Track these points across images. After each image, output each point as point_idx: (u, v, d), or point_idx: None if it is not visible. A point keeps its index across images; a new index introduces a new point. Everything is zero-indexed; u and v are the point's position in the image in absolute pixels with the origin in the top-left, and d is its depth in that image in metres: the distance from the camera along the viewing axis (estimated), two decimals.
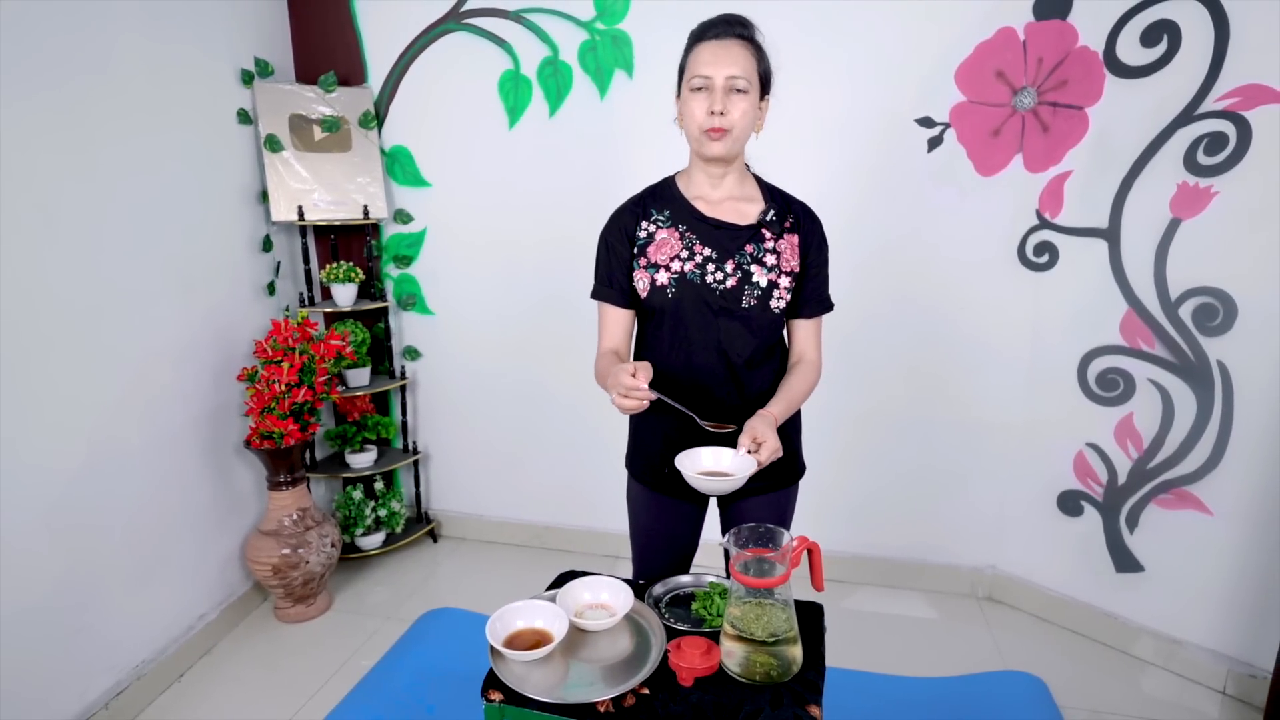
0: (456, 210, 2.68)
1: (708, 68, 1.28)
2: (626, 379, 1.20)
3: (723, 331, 1.37)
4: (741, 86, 1.28)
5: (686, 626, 1.21)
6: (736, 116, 1.30)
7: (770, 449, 1.25)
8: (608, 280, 1.42)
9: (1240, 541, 2.04)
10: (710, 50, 1.29)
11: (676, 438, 1.39)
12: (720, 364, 1.39)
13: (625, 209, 1.43)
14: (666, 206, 1.40)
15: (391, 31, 2.56)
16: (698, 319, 1.37)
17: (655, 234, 1.38)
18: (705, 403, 1.40)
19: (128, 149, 1.98)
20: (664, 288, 1.36)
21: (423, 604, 2.55)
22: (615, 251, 1.41)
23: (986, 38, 2.17)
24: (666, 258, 1.36)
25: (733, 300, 1.36)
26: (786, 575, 1.07)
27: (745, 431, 1.28)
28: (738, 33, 1.30)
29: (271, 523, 2.34)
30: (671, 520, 1.52)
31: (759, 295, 1.36)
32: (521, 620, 1.18)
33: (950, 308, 2.41)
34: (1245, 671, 2.06)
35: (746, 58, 1.29)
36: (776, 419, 1.33)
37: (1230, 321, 1.97)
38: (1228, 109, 1.90)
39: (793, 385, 1.41)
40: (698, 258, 1.36)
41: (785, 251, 1.38)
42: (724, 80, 1.28)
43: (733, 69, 1.28)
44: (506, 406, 2.84)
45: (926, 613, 2.53)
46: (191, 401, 2.23)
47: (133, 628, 2.05)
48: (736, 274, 1.35)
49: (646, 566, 1.56)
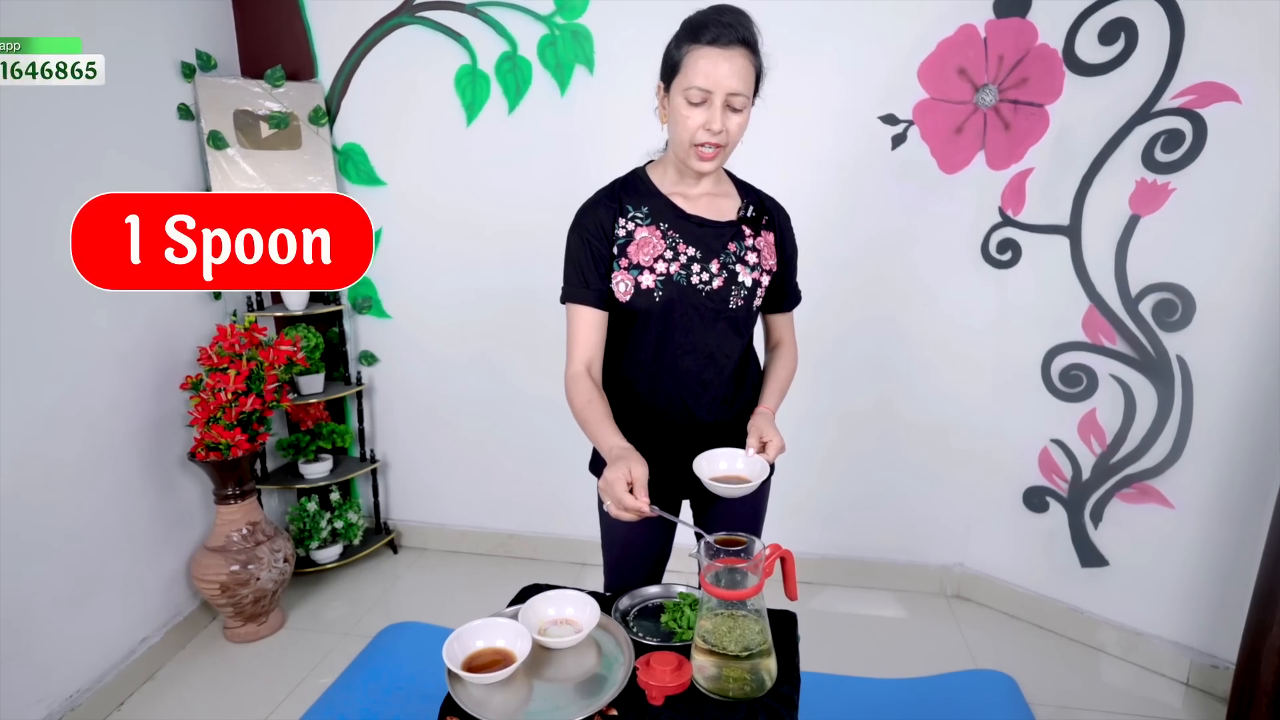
0: (413, 210, 2.59)
1: (709, 80, 1.17)
2: (627, 498, 1.11)
3: (712, 334, 1.32)
4: (740, 105, 1.20)
5: (656, 641, 1.16)
6: (734, 133, 1.23)
7: (776, 446, 1.25)
8: (583, 281, 1.30)
9: (1201, 534, 2.06)
10: (712, 59, 1.17)
11: (647, 447, 1.33)
12: (709, 367, 1.34)
13: (599, 203, 1.32)
14: (644, 202, 1.31)
15: (342, 24, 2.46)
16: (686, 322, 1.30)
17: (635, 232, 1.29)
18: (692, 407, 1.35)
19: (57, 146, 1.86)
20: (650, 290, 1.28)
21: (382, 618, 2.45)
22: (594, 250, 1.29)
23: (948, 35, 2.17)
24: (650, 258, 1.28)
25: (720, 301, 1.30)
26: (759, 586, 1.03)
27: (751, 431, 1.27)
28: (740, 36, 1.17)
29: (219, 538, 2.22)
30: (643, 526, 1.46)
31: (745, 295, 1.31)
32: (481, 640, 1.12)
33: (915, 306, 2.41)
34: (1207, 662, 2.09)
35: (749, 69, 1.19)
36: (774, 411, 1.34)
37: (1189, 317, 1.99)
38: (1184, 106, 1.92)
39: (780, 374, 1.42)
40: (682, 258, 1.29)
41: (764, 249, 1.34)
42: (725, 96, 1.18)
43: (735, 83, 1.18)
44: (468, 411, 2.76)
45: (896, 612, 2.52)
46: (131, 412, 2.11)
47: (67, 654, 1.92)
48: (722, 274, 1.30)
49: (620, 578, 1.50)
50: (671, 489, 1.41)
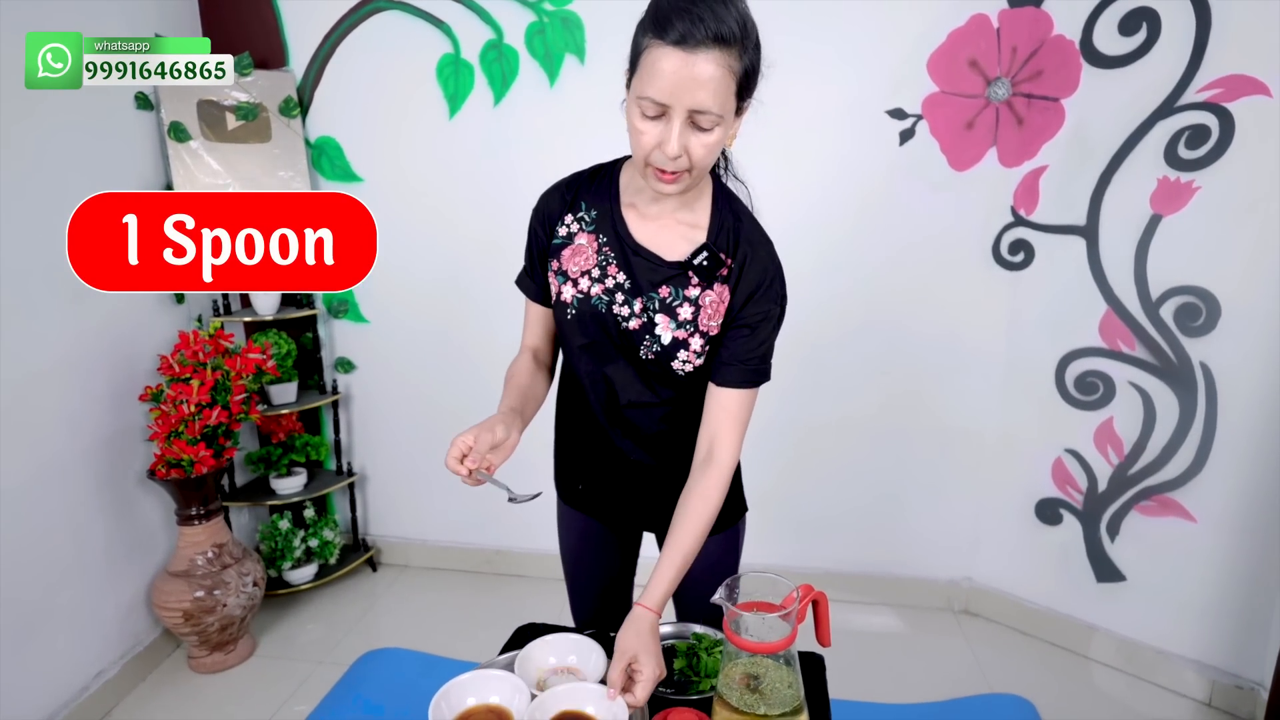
0: (392, 207, 2.43)
1: (666, 91, 0.90)
2: (453, 460, 1.01)
3: (617, 372, 1.12)
4: (709, 124, 0.93)
5: (670, 691, 1.03)
6: (700, 155, 0.95)
7: (648, 680, 0.94)
8: (530, 270, 1.21)
9: (1225, 549, 1.97)
10: (673, 64, 0.89)
11: (594, 452, 1.23)
12: (613, 404, 1.16)
13: (558, 189, 1.17)
14: (597, 205, 1.12)
15: (314, 9, 2.30)
16: (593, 350, 1.12)
17: (574, 235, 1.12)
18: (607, 454, 1.20)
19: (2, 137, 1.69)
20: (566, 305, 1.12)
21: (361, 642, 2.30)
22: (537, 238, 1.18)
23: (959, 25, 2.06)
24: (578, 271, 1.11)
25: (629, 346, 1.09)
26: (793, 635, 0.90)
27: (616, 657, 0.96)
28: (714, 32, 0.88)
29: (182, 562, 2.06)
30: (596, 545, 1.33)
31: (658, 351, 1.07)
32: (473, 697, 0.98)
33: (922, 309, 2.31)
34: (1231, 682, 2.00)
35: (723, 76, 0.90)
36: (659, 614, 1.02)
37: (1214, 321, 1.90)
38: (1209, 100, 1.83)
39: (687, 526, 1.05)
40: (608, 281, 1.09)
41: (708, 305, 1.06)
42: (687, 113, 0.92)
43: (700, 98, 0.90)
44: (452, 420, 2.56)
45: (901, 628, 2.41)
46: (83, 427, 1.95)
47: (11, 693, 1.76)
48: (642, 317, 1.07)
49: (579, 595, 1.38)
50: (620, 516, 1.30)
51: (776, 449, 1.38)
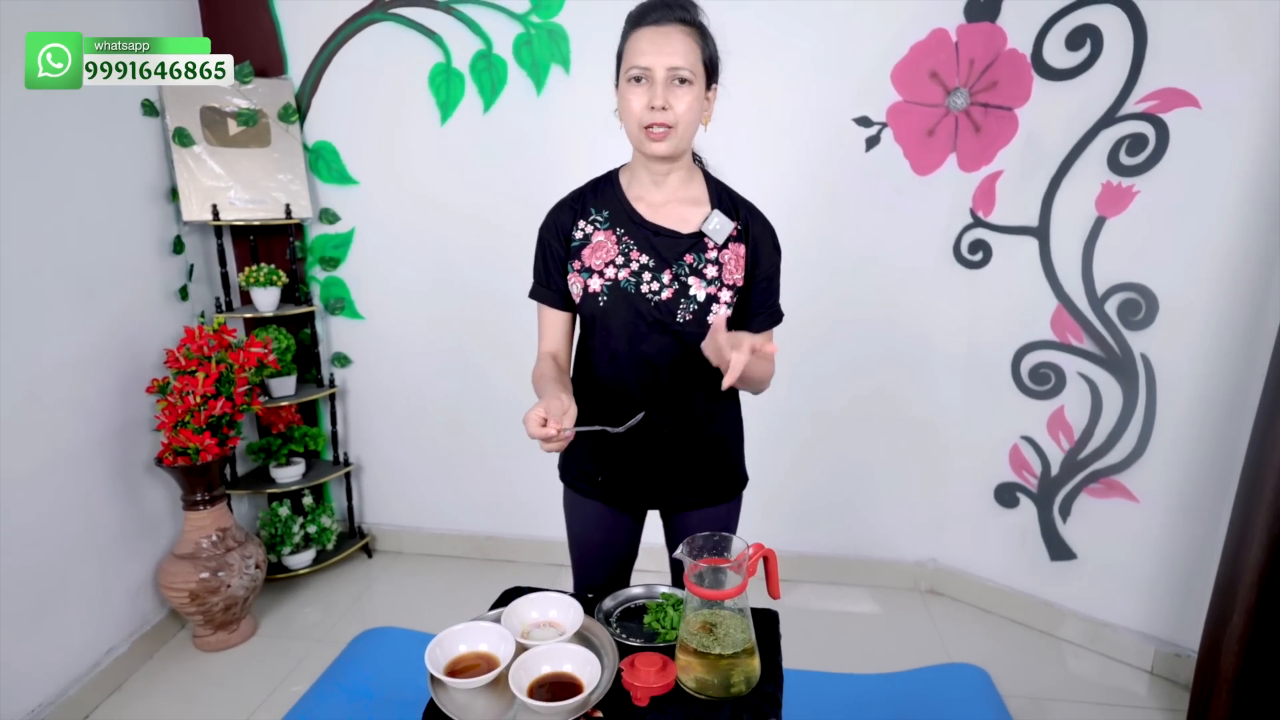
0: (387, 209, 2.56)
1: (646, 57, 1.16)
2: (536, 428, 1.07)
3: (654, 345, 1.27)
4: (685, 77, 1.17)
5: (639, 642, 1.16)
6: (681, 110, 1.18)
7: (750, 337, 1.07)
8: (545, 280, 1.33)
9: (1165, 527, 2.12)
10: (649, 38, 1.17)
11: (604, 441, 1.34)
12: (652, 380, 1.29)
13: (564, 204, 1.34)
14: (606, 206, 1.30)
15: (312, 20, 2.42)
16: (628, 331, 1.27)
17: (592, 236, 1.29)
18: (639, 423, 1.30)
19: (15, 142, 1.80)
20: (595, 295, 1.27)
21: (357, 624, 2.42)
22: (551, 250, 1.32)
23: (921, 38, 2.20)
24: (601, 262, 1.27)
25: (667, 313, 1.25)
26: (743, 585, 1.03)
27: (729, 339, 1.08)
28: (679, 16, 1.18)
29: (188, 545, 2.17)
30: (607, 529, 1.46)
31: (695, 310, 1.25)
32: (464, 644, 1.11)
33: (889, 306, 2.44)
34: (1171, 651, 2.15)
35: (690, 45, 1.17)
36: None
37: (1152, 315, 2.04)
38: (1147, 111, 1.97)
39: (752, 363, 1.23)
40: (634, 264, 1.26)
41: (729, 263, 1.27)
42: (665, 72, 1.16)
43: (674, 58, 1.16)
44: (444, 413, 2.73)
45: (871, 608, 2.55)
46: (95, 417, 2.05)
47: (28, 668, 1.86)
48: (673, 285, 1.25)
49: (585, 577, 1.50)
50: (634, 497, 1.41)
51: (753, 441, 1.50)
